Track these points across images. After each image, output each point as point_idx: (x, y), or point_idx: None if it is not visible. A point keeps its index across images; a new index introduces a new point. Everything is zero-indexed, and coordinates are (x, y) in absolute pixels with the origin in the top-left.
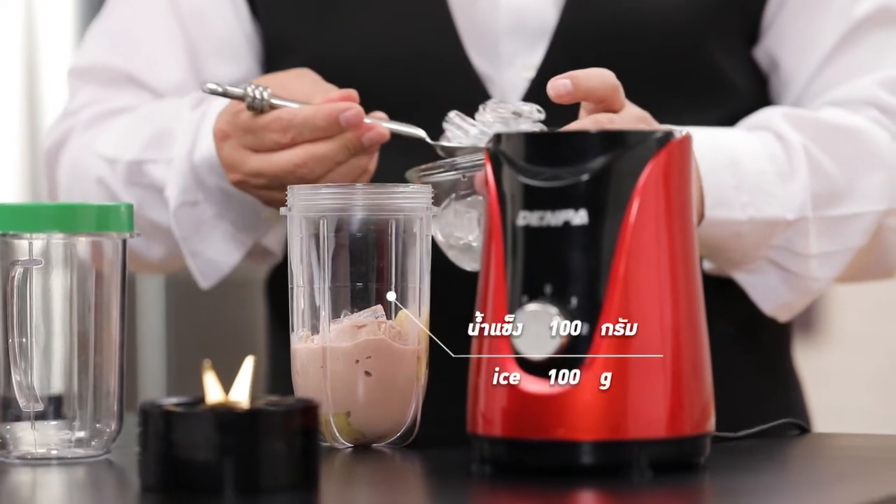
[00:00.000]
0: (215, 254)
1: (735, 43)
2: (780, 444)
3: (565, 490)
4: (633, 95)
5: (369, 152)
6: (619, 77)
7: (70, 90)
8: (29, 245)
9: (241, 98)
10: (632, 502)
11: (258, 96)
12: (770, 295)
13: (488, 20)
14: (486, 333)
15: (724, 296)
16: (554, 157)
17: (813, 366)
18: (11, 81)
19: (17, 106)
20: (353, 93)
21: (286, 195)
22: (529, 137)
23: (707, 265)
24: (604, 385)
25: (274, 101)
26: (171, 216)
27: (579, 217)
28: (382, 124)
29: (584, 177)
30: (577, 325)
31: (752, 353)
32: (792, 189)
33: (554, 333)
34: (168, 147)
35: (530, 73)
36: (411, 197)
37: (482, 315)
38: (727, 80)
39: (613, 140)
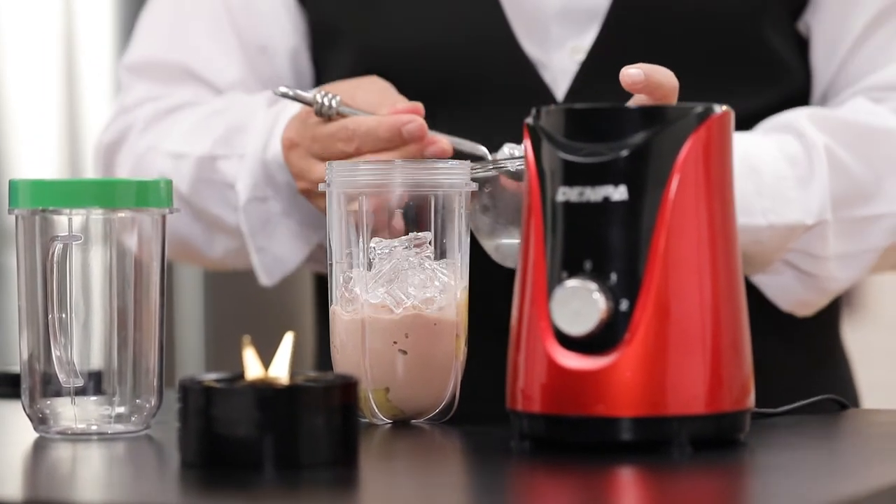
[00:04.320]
0: (281, 250)
1: (785, 21)
2: (820, 421)
3: (605, 466)
4: (686, 78)
5: None
6: (672, 59)
7: (125, 86)
8: (68, 221)
9: (309, 104)
10: (671, 479)
11: (327, 103)
12: (785, 294)
13: (537, 3)
14: (525, 309)
15: None
16: (593, 132)
17: (862, 342)
18: (51, 59)
19: (56, 84)
20: (418, 106)
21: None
22: (569, 113)
23: None
24: (643, 361)
25: (342, 110)
26: (240, 211)
27: (619, 193)
28: (444, 139)
29: (624, 152)
30: (616, 302)
31: (800, 331)
32: (811, 193)
33: (593, 309)
34: (241, 143)
35: (580, 56)
36: (451, 173)
37: (522, 291)
38: (780, 59)
39: (653, 115)
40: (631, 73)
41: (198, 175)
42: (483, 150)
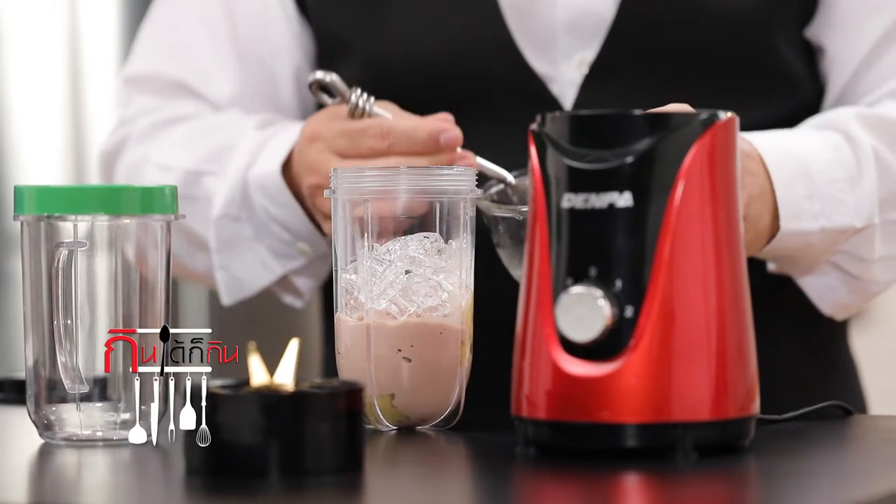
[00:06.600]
0: (243, 273)
1: (794, 30)
2: (824, 427)
3: (610, 473)
4: (693, 88)
5: None
6: (679, 69)
7: (125, 99)
8: (74, 227)
9: (343, 94)
10: (676, 485)
11: (361, 104)
12: (829, 296)
13: (546, 15)
14: (530, 316)
15: (784, 283)
16: (599, 139)
17: (869, 349)
18: (55, 65)
19: (61, 90)
20: (450, 116)
21: None
22: (574, 119)
23: (770, 266)
24: (648, 368)
25: (375, 111)
26: (210, 225)
27: (624, 199)
28: (474, 157)
29: (629, 159)
30: (621, 308)
31: (808, 337)
32: (860, 195)
33: (598, 316)
34: (227, 161)
35: (585, 68)
36: (456, 179)
37: (527, 297)
38: (790, 70)
39: (658, 122)
40: None
41: (182, 189)
42: (510, 177)
